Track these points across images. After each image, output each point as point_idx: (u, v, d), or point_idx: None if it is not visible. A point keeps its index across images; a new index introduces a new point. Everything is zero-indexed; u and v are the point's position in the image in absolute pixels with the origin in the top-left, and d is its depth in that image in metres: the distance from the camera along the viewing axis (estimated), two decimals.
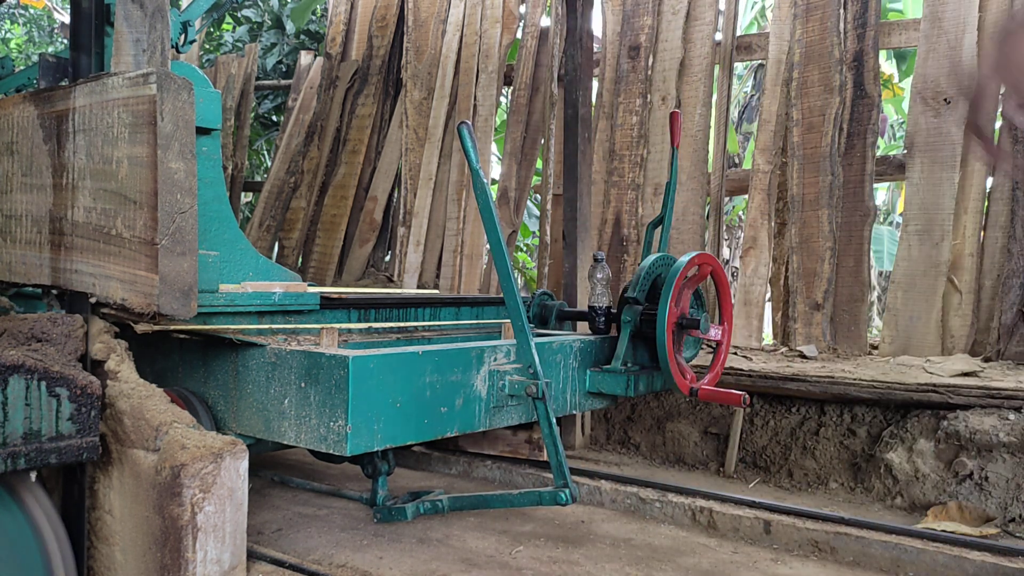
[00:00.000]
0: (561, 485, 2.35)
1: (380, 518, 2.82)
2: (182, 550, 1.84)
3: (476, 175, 2.35)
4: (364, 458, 2.81)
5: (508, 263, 2.35)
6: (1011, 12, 3.87)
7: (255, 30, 8.66)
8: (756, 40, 4.71)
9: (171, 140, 1.87)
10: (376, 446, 2.09)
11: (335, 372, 2.03)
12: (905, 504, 3.19)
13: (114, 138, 1.94)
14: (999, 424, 3.01)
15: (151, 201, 1.85)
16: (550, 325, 3.33)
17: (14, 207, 2.25)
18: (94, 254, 1.99)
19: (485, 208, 2.34)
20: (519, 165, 5.28)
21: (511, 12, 5.43)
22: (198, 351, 2.42)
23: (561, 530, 2.92)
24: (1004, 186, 3.87)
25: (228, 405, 2.32)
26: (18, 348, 1.82)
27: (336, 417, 2.03)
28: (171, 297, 1.89)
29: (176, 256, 1.89)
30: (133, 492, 1.96)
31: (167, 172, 1.86)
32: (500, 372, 2.41)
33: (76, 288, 2.06)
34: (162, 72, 1.86)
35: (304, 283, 2.65)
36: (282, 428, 2.18)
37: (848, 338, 4.14)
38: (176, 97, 1.87)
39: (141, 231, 1.88)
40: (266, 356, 2.21)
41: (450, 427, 2.29)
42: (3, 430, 1.74)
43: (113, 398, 2.00)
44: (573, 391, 2.79)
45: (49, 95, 2.12)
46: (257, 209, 6.22)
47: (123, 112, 1.91)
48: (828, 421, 3.51)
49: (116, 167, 1.93)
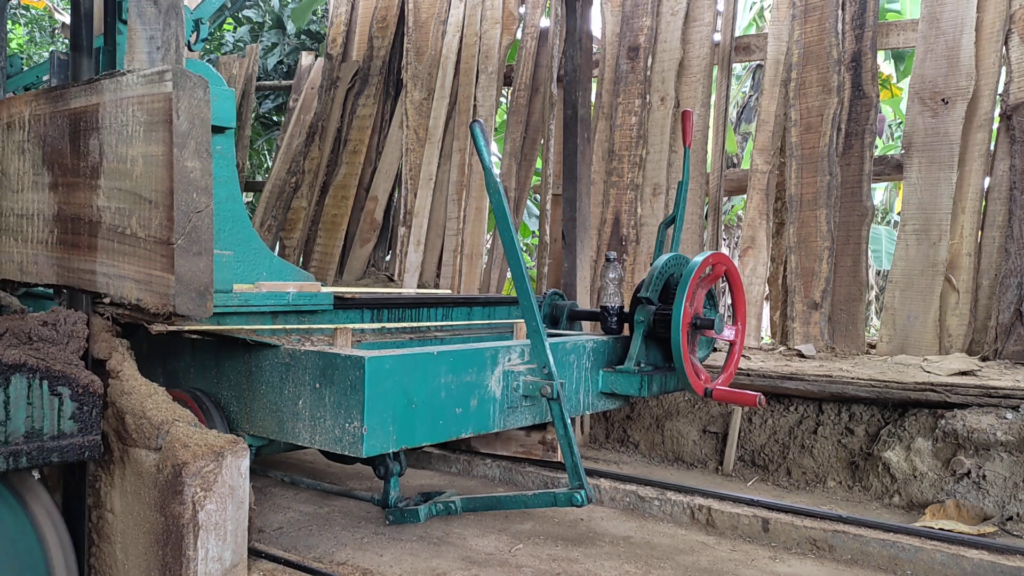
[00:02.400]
0: (577, 486, 2.33)
1: (392, 519, 2.78)
2: (183, 548, 1.85)
3: (489, 174, 2.34)
4: (376, 459, 2.78)
5: (522, 263, 2.33)
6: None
7: (256, 30, 8.67)
8: (755, 41, 4.72)
9: (187, 138, 1.83)
10: (392, 447, 2.06)
11: (351, 373, 2.01)
12: (903, 503, 3.20)
13: (129, 136, 1.91)
14: (996, 423, 3.02)
15: (167, 200, 1.83)
16: (561, 325, 3.31)
17: (26, 206, 2.23)
18: (108, 254, 1.97)
19: (499, 208, 2.32)
20: (519, 165, 5.30)
21: (511, 13, 5.44)
22: (211, 351, 2.41)
23: (560, 528, 2.93)
24: (1001, 186, 3.88)
25: (241, 406, 2.30)
26: (20, 347, 1.83)
27: (352, 418, 2.01)
28: (187, 297, 1.85)
29: (192, 256, 1.86)
30: (135, 490, 1.97)
31: (183, 171, 1.83)
32: (514, 373, 2.39)
33: (89, 288, 2.04)
34: (178, 69, 1.83)
35: (317, 283, 2.63)
36: (296, 429, 2.16)
37: (846, 337, 4.15)
38: (192, 95, 1.84)
39: (156, 231, 1.86)
40: (280, 356, 2.19)
41: (465, 428, 2.26)
42: (5, 429, 1.75)
43: (115, 397, 2.01)
44: (587, 392, 2.77)
45: (61, 93, 2.10)
46: (258, 209, 6.24)
47: (138, 110, 1.88)
48: (826, 420, 3.52)
49: (131, 166, 1.91)
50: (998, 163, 3.91)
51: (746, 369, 3.62)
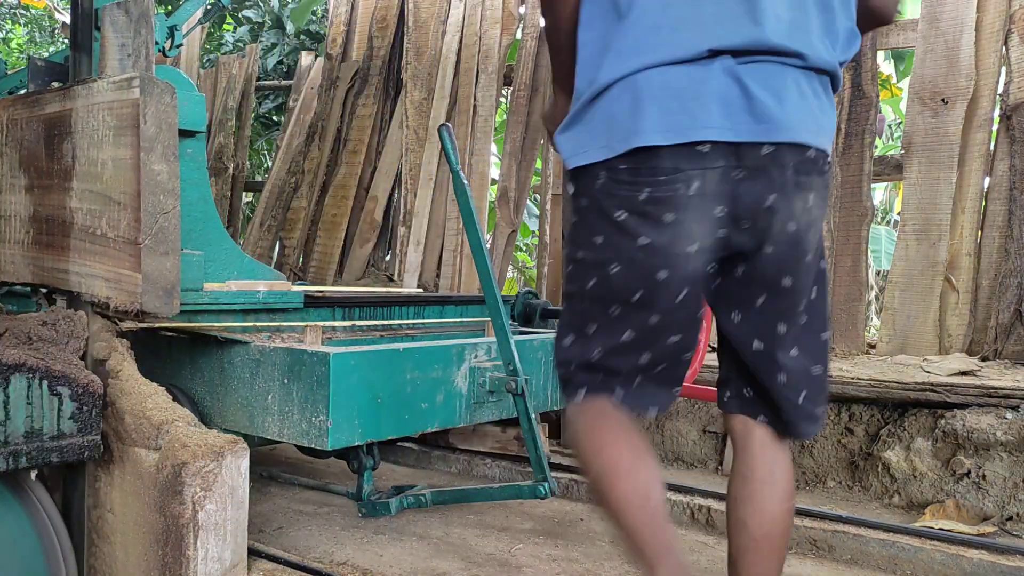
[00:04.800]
0: (541, 479, 2.42)
1: (365, 512, 2.86)
2: (183, 548, 1.85)
3: (456, 176, 2.41)
4: (349, 453, 2.86)
5: (488, 263, 2.40)
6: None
7: (256, 30, 8.67)
8: None
9: (154, 143, 1.91)
10: (357, 440, 2.14)
11: (316, 368, 2.07)
12: (903, 503, 3.20)
13: (99, 140, 1.98)
14: (996, 423, 3.02)
15: (134, 202, 1.90)
16: (534, 323, 3.37)
17: (4, 208, 2.30)
18: (80, 253, 2.04)
19: (465, 209, 2.40)
20: (519, 165, 5.29)
21: (511, 13, 5.44)
22: (186, 349, 2.46)
23: (560, 528, 2.93)
24: (1001, 186, 3.88)
25: (214, 401, 2.36)
26: (20, 347, 1.83)
27: (317, 412, 2.07)
28: (154, 295, 1.93)
29: (159, 255, 1.93)
30: (134, 490, 1.97)
31: (150, 174, 1.90)
32: (481, 369, 2.47)
33: (62, 287, 2.11)
34: (145, 76, 1.91)
35: (288, 281, 2.70)
36: (266, 423, 2.22)
37: (846, 337, 4.15)
38: (159, 101, 1.91)
39: (125, 231, 1.93)
40: (251, 353, 2.25)
41: (431, 422, 2.35)
42: (5, 429, 1.75)
43: (114, 396, 2.01)
44: (553, 388, 2.82)
45: (37, 98, 2.17)
46: (258, 209, 6.24)
47: (108, 115, 1.96)
48: (826, 420, 3.52)
49: (101, 169, 1.98)
50: (998, 163, 3.91)
51: None
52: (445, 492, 2.71)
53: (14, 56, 10.69)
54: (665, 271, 1.36)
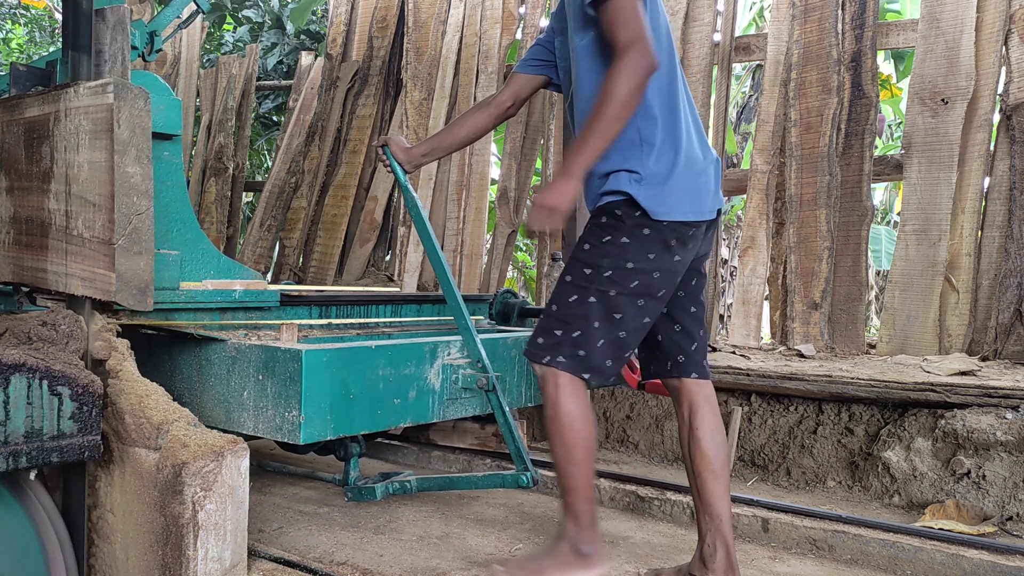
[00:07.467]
0: (522, 469, 2.53)
1: (351, 497, 2.91)
2: (183, 548, 1.86)
3: (407, 191, 2.67)
4: (335, 442, 2.94)
5: (445, 266, 2.57)
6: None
7: (256, 30, 8.67)
8: (754, 41, 4.72)
9: (128, 146, 1.97)
10: (329, 435, 2.19)
11: (290, 365, 2.12)
12: (903, 503, 3.20)
13: (76, 144, 2.04)
14: (996, 423, 3.02)
15: (109, 203, 1.96)
16: (512, 322, 3.42)
17: None
18: (57, 253, 2.10)
19: (417, 219, 2.64)
20: (519, 165, 5.30)
21: (511, 13, 5.44)
22: (165, 347, 2.50)
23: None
24: (1001, 186, 3.88)
25: (193, 397, 2.40)
26: (20, 347, 1.83)
27: (291, 408, 2.12)
28: (128, 293, 1.99)
29: (133, 255, 1.99)
30: (134, 490, 1.98)
31: (124, 176, 1.96)
32: (454, 366, 2.52)
33: (41, 285, 2.16)
34: (119, 82, 1.97)
35: (264, 281, 2.77)
36: (242, 419, 2.26)
37: (846, 337, 4.15)
38: (133, 105, 1.98)
39: (100, 231, 1.99)
40: (227, 350, 2.29)
41: (403, 418, 2.40)
42: (5, 429, 1.75)
43: (114, 396, 2.01)
44: (528, 384, 2.88)
45: (18, 103, 2.23)
46: (258, 209, 6.23)
47: (84, 120, 2.02)
48: (826, 420, 3.52)
49: (78, 171, 2.04)
50: (998, 163, 3.91)
51: (746, 369, 3.62)
52: (430, 479, 2.79)
53: (14, 56, 10.70)
54: (679, 277, 2.19)
